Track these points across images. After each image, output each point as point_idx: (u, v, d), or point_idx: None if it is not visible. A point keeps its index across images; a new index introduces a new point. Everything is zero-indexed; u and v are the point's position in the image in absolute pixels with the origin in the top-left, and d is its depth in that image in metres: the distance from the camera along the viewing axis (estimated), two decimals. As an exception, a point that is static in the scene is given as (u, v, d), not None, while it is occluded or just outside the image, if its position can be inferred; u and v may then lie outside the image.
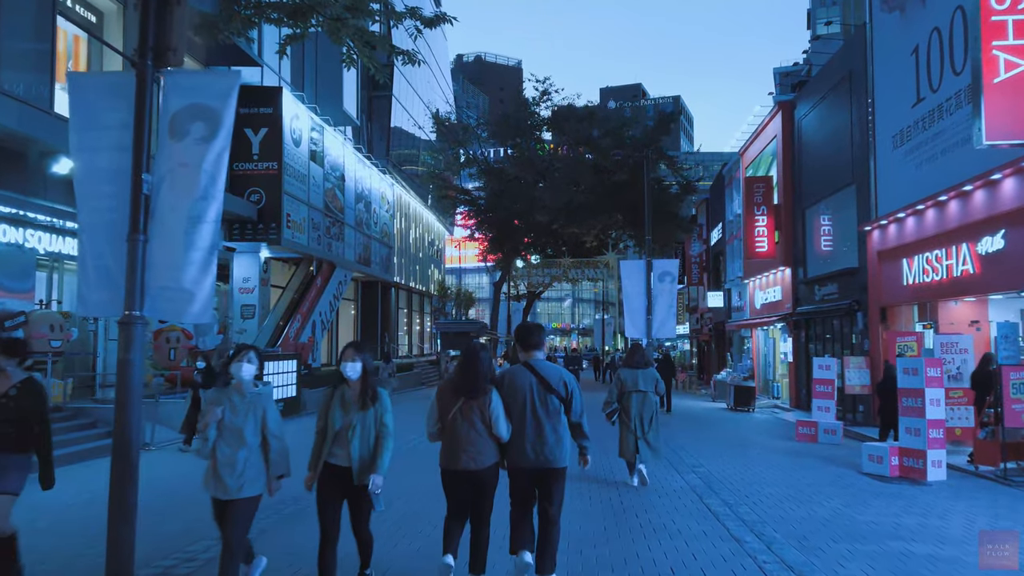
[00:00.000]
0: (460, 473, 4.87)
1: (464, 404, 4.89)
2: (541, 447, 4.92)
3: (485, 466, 4.85)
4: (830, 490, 9.13)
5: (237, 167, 21.22)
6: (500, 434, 4.88)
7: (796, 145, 21.34)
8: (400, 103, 37.12)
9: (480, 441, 4.85)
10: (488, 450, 4.88)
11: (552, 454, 4.94)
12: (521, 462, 4.95)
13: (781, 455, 12.01)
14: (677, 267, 16.58)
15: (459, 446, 4.86)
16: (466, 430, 4.85)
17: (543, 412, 4.97)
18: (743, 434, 15.31)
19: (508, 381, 5.07)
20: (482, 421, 4.86)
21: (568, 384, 5.08)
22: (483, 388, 4.90)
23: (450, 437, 4.92)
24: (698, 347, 39.71)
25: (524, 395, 4.99)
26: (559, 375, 5.09)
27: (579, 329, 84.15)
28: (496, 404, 4.90)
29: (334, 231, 26.04)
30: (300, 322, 23.57)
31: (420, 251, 42.63)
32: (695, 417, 18.98)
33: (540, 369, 5.08)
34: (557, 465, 4.97)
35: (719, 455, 11.90)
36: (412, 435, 12.76)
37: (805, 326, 20.70)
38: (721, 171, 31.58)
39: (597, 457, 8.92)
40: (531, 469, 4.96)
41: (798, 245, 21.13)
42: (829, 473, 10.43)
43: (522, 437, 4.93)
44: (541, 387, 5.01)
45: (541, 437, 4.93)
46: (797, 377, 21.16)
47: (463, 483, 4.92)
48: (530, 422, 4.95)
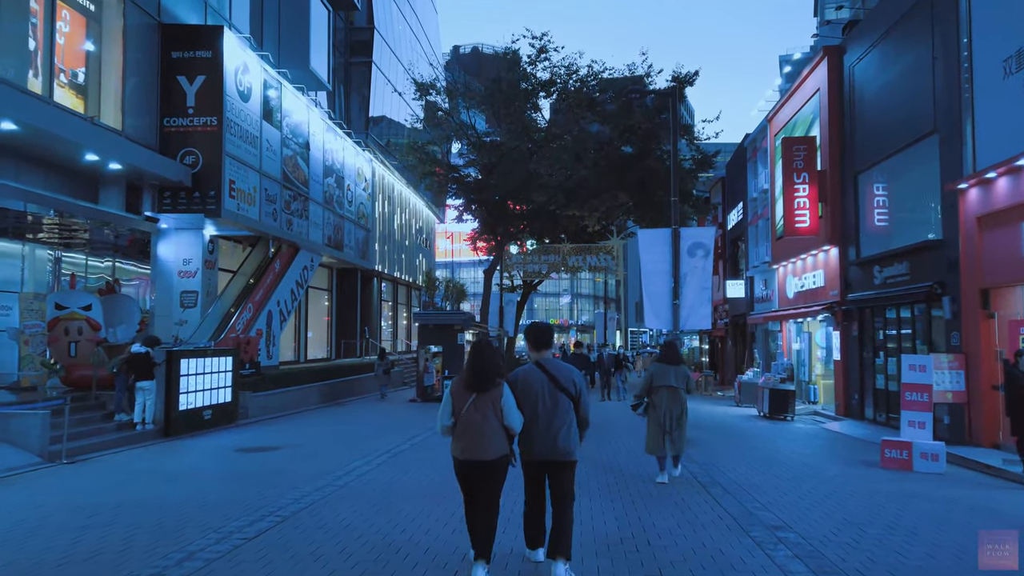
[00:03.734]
0: (474, 463, 5.05)
1: (477, 398, 5.05)
2: (553, 442, 5.16)
3: (496, 456, 5.04)
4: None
5: (168, 122, 17.50)
6: (512, 425, 5.10)
7: (846, 98, 17.63)
8: (382, 72, 33.34)
9: (491, 433, 5.04)
10: (499, 441, 5.07)
11: (563, 448, 5.18)
12: (535, 456, 5.22)
13: (885, 498, 8.27)
14: (713, 237, 12.90)
15: (472, 438, 5.03)
16: (479, 422, 5.03)
17: (554, 409, 5.20)
18: (803, 455, 11.62)
19: (522, 380, 5.29)
20: (494, 413, 5.05)
21: (577, 383, 5.32)
22: (495, 382, 5.08)
23: (463, 430, 5.06)
24: (710, 343, 36.00)
25: (536, 393, 5.23)
26: (569, 374, 5.31)
27: (578, 325, 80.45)
28: (508, 396, 5.11)
29: (296, 207, 22.29)
30: (252, 312, 19.82)
31: (407, 239, 38.85)
32: (727, 429, 15.27)
33: (551, 368, 5.31)
34: (568, 458, 5.23)
35: (793, 494, 8.19)
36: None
37: (858, 316, 17.00)
38: (742, 143, 27.86)
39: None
40: (544, 462, 5.22)
41: (848, 219, 17.43)
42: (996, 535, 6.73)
43: (535, 432, 5.19)
44: (552, 385, 5.25)
45: (552, 432, 5.17)
46: (847, 379, 17.46)
47: (476, 473, 5.07)
48: (542, 418, 5.19)
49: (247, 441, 12.42)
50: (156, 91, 17.36)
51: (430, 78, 29.69)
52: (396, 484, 8.31)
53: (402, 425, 14.42)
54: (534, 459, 5.22)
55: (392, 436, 12.61)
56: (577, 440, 5.26)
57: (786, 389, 17.83)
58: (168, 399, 12.98)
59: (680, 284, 12.49)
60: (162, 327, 18.75)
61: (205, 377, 14.25)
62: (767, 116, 24.05)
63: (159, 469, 9.52)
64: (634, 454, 10.78)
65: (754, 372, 22.45)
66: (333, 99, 29.88)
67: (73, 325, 14.40)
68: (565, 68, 26.31)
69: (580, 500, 7.20)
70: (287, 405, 18.15)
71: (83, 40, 15.24)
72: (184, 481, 8.56)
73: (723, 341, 33.31)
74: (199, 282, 19.11)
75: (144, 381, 12.41)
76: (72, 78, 15.11)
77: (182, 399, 13.37)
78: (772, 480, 8.96)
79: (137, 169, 15.91)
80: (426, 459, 9.97)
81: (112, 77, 16.13)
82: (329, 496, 7.62)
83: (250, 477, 8.82)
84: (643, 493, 8.00)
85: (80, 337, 14.48)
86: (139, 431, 12.39)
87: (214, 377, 14.60)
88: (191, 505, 7.23)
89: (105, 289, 16.16)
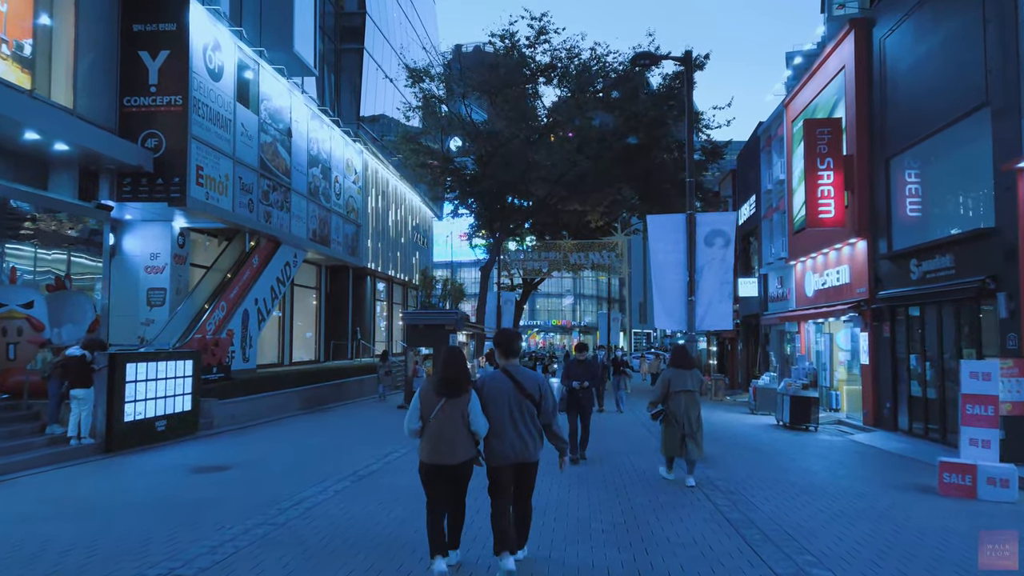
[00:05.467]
0: (441, 467, 5.15)
1: (446, 403, 5.16)
2: (520, 445, 5.30)
3: (463, 460, 5.16)
4: None
5: (129, 102, 15.92)
6: (477, 430, 5.21)
7: (876, 75, 15.96)
8: (374, 59, 31.72)
9: (459, 437, 5.14)
10: (466, 445, 5.18)
11: (528, 451, 5.34)
12: (502, 460, 5.30)
13: (961, 540, 6.59)
14: (734, 224, 11.22)
15: (440, 442, 5.13)
16: (447, 427, 5.14)
17: (519, 414, 5.33)
18: (842, 477, 9.97)
19: (489, 386, 5.39)
20: (461, 419, 5.15)
21: (541, 388, 5.44)
22: (463, 388, 5.22)
23: (431, 434, 5.17)
24: (719, 345, 34.31)
25: (503, 399, 5.32)
26: (534, 380, 5.46)
27: (580, 327, 78.72)
28: (475, 402, 5.22)
29: (275, 197, 20.68)
30: (225, 311, 18.21)
31: (402, 236, 37.15)
32: (747, 442, 13.61)
33: (517, 375, 5.42)
34: (532, 459, 5.39)
35: (850, 538, 6.54)
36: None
37: (890, 316, 15.34)
38: (755, 132, 26.17)
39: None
40: (510, 465, 5.31)
41: (878, 208, 15.77)
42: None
43: (502, 436, 5.29)
44: (518, 392, 5.35)
45: (518, 436, 5.30)
46: (877, 385, 15.79)
47: (443, 476, 5.18)
48: (508, 423, 5.30)
49: (200, 458, 10.80)
50: (115, 67, 15.78)
51: (424, 65, 27.92)
52: (347, 525, 6.67)
53: (381, 438, 12.77)
54: (501, 463, 5.31)
55: (365, 452, 10.98)
56: (540, 443, 5.45)
57: (809, 396, 16.17)
58: (110, 409, 11.36)
59: (696, 278, 10.83)
60: (126, 327, 17.18)
61: (158, 383, 12.62)
62: (783, 101, 22.38)
63: (74, 497, 7.91)
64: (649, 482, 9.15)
65: (770, 377, 20.79)
66: (323, 87, 28.26)
67: (12, 324, 12.83)
68: (566, 51, 24.60)
69: (582, 552, 5.59)
70: (262, 412, 16.53)
71: (31, 9, 13.64)
72: (91, 516, 6.95)
73: (733, 343, 31.63)
74: (167, 278, 17.56)
75: (79, 389, 10.79)
76: (17, 50, 13.50)
77: (129, 409, 11.75)
78: (817, 516, 7.30)
79: (91, 152, 14.32)
80: (394, 486, 8.33)
81: (63, 51, 14.55)
82: (256, 543, 5.98)
83: (176, 509, 7.21)
84: (660, 538, 6.36)
85: (19, 338, 12.90)
86: (74, 446, 10.77)
87: (170, 383, 12.96)
88: (74, 556, 5.62)
89: (54, 285, 14.55)
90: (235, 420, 15.37)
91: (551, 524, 6.72)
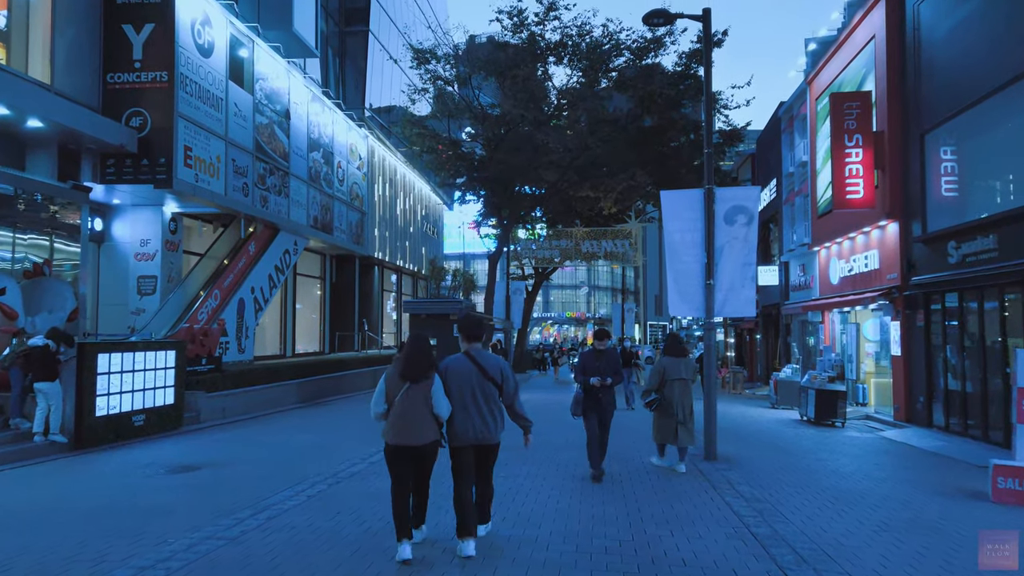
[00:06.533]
0: (405, 448, 5.28)
1: (410, 387, 5.29)
2: (481, 426, 5.48)
3: (427, 442, 5.31)
4: None
5: (112, 78, 15.08)
6: (440, 413, 5.37)
7: (910, 43, 14.80)
8: (379, 42, 30.75)
9: (422, 420, 5.28)
10: (429, 427, 5.32)
11: (489, 432, 5.53)
12: (464, 440, 5.49)
13: None
14: (757, 200, 10.13)
15: (404, 424, 5.26)
16: (411, 410, 5.26)
17: (481, 396, 5.50)
18: (880, 481, 8.94)
19: (452, 369, 5.54)
20: (424, 402, 5.29)
21: (503, 371, 5.63)
22: (427, 373, 5.34)
23: (396, 416, 5.29)
24: (737, 336, 33.15)
25: (465, 382, 5.49)
26: (497, 364, 5.64)
27: (595, 318, 77.59)
28: (437, 387, 5.36)
29: (272, 182, 19.81)
30: (219, 300, 17.40)
31: (411, 225, 36.21)
32: (770, 440, 12.59)
33: (479, 359, 5.60)
34: (493, 441, 5.59)
35: (898, 558, 5.55)
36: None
37: (924, 303, 14.22)
38: (776, 112, 24.95)
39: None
40: (472, 446, 5.51)
41: (912, 187, 14.63)
42: None
43: (465, 418, 5.47)
44: (480, 374, 5.52)
45: (481, 418, 5.48)
46: (910, 378, 14.70)
47: (407, 457, 5.31)
48: (471, 405, 5.47)
49: (174, 456, 9.93)
50: (98, 42, 14.95)
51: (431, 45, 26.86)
52: (308, 540, 5.74)
53: (373, 434, 11.84)
54: (463, 444, 5.49)
55: (352, 450, 10.08)
56: (501, 425, 5.62)
57: (836, 390, 15.10)
58: (80, 403, 10.52)
59: (715, 259, 9.78)
60: (116, 316, 16.43)
61: (135, 376, 11.77)
62: (806, 78, 21.19)
63: (12, 501, 7.04)
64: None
65: (792, 369, 19.69)
66: (326, 71, 27.34)
67: (-21, 312, 12.03)
68: (577, 28, 23.47)
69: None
70: (254, 406, 15.68)
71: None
72: (21, 526, 6.10)
73: (752, 333, 30.48)
74: (158, 265, 16.76)
75: (42, 383, 9.95)
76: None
77: (101, 403, 10.91)
78: (858, 530, 6.29)
79: (68, 131, 13.47)
80: (373, 492, 7.40)
81: (41, 23, 13.72)
82: (192, 565, 5.06)
83: (122, 518, 6.33)
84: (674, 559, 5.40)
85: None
86: (39, 443, 9.95)
87: (149, 375, 12.12)
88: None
89: (32, 272, 13.74)
90: (224, 414, 14.54)
91: (545, 540, 5.77)
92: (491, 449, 5.59)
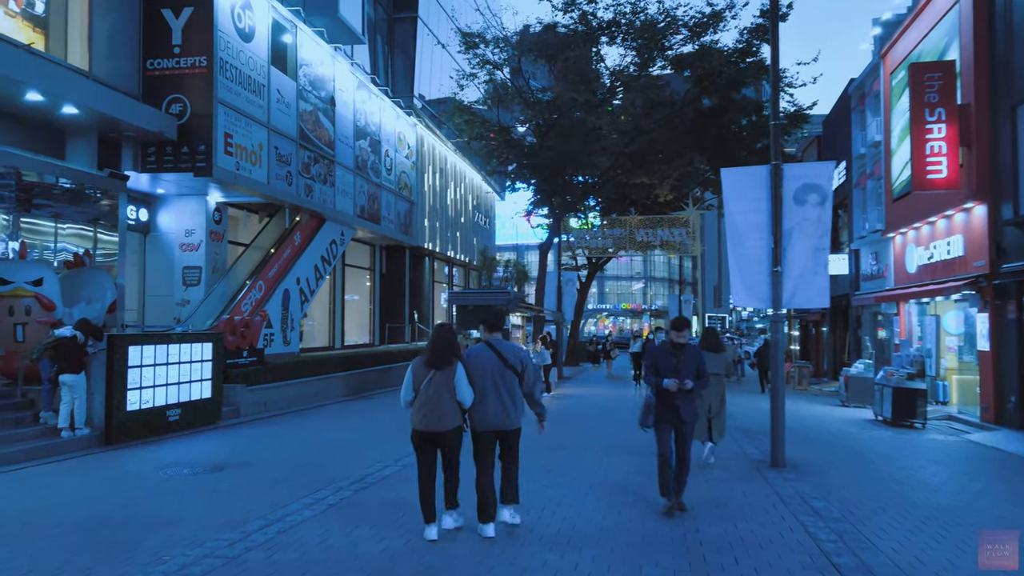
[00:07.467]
0: (430, 434, 5.59)
1: (435, 375, 5.56)
2: (501, 413, 5.72)
3: (450, 428, 5.59)
4: None
5: (152, 64, 14.78)
6: (463, 399, 5.61)
7: (1000, 5, 13.38)
8: (429, 28, 30.15)
9: (446, 406, 5.55)
10: (453, 413, 5.59)
11: (509, 418, 5.76)
12: (486, 425, 5.74)
13: None
14: (831, 177, 9.07)
15: (429, 411, 5.55)
16: (435, 397, 5.54)
17: (502, 383, 5.72)
18: (977, 495, 7.85)
19: (474, 359, 5.76)
20: (448, 390, 5.55)
21: (523, 360, 5.83)
22: (450, 361, 5.59)
23: (421, 403, 5.59)
24: (802, 329, 31.59)
25: (486, 370, 5.71)
26: (516, 353, 5.85)
27: (651, 310, 76.04)
28: (461, 374, 5.61)
29: (317, 170, 19.38)
30: (263, 291, 17.04)
31: (462, 215, 35.58)
32: (844, 443, 11.51)
33: (500, 348, 5.81)
34: (513, 427, 5.82)
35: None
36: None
37: (1017, 293, 12.87)
38: (846, 90, 23.40)
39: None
40: (494, 431, 5.76)
41: (1003, 165, 13.25)
42: None
43: (485, 405, 5.71)
44: (501, 363, 5.73)
45: (501, 404, 5.72)
46: (1000, 376, 13.35)
47: (432, 442, 5.64)
48: (491, 392, 5.71)
49: (204, 454, 9.47)
50: (138, 28, 14.63)
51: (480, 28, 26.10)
52: (318, 560, 5.06)
53: (413, 431, 11.23)
54: (486, 429, 5.75)
55: (387, 449, 9.45)
56: (521, 412, 5.83)
57: (915, 388, 13.85)
58: (110, 397, 10.15)
59: (783, 244, 8.79)
60: (162, 308, 16.22)
61: (170, 369, 11.41)
62: (880, 52, 19.70)
63: (16, 506, 6.59)
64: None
65: (864, 364, 18.37)
66: (375, 58, 26.89)
67: (19, 303, 11.78)
68: (631, 5, 22.37)
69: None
70: (297, 399, 15.29)
71: (41, -39, 12.55)
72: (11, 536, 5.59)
73: (818, 326, 28.93)
74: (203, 256, 16.50)
75: (68, 375, 9.60)
76: (27, 7, 12.47)
77: (134, 396, 10.55)
78: (961, 561, 5.29)
79: (107, 118, 13.16)
80: (400, 500, 6.70)
81: (79, 8, 13.46)
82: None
83: (120, 529, 5.79)
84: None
85: (28, 318, 11.84)
86: (66, 438, 9.60)
87: (184, 368, 11.75)
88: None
89: (72, 262, 13.55)
90: (266, 408, 14.17)
91: (587, 568, 4.97)
92: (512, 435, 5.82)
